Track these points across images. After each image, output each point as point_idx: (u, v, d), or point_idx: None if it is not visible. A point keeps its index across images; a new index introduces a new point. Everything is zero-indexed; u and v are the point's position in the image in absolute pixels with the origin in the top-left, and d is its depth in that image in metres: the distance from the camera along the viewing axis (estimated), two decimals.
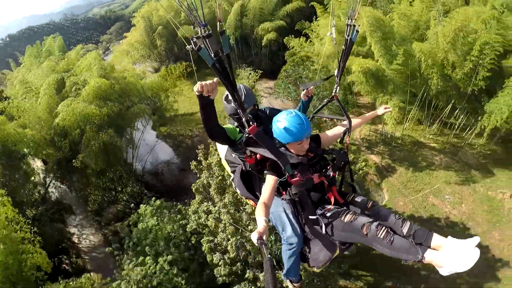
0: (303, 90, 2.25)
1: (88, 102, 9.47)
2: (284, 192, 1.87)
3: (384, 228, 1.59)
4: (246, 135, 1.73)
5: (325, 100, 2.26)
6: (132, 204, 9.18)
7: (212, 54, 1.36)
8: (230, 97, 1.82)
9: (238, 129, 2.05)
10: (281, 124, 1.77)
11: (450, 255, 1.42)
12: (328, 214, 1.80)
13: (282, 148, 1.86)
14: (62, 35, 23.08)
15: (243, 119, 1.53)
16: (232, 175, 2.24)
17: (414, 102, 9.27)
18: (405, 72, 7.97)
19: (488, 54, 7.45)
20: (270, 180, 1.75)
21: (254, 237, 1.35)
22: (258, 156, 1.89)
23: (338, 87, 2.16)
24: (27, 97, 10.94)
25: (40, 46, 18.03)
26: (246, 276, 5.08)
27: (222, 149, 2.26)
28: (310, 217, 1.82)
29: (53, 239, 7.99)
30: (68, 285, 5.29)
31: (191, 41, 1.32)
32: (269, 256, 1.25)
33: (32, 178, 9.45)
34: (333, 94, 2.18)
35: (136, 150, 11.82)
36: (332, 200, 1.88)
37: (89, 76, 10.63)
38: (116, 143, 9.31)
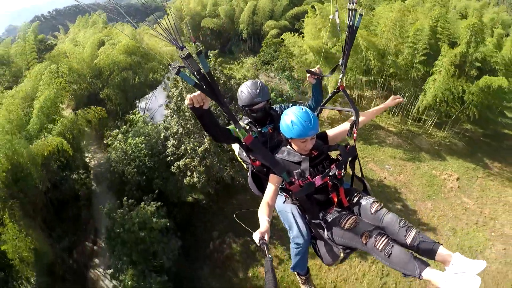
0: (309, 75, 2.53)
1: (119, 53, 15.86)
2: (286, 195, 2.18)
3: (383, 238, 1.77)
4: (243, 143, 1.97)
5: (331, 92, 2.62)
6: None
7: (195, 72, 1.62)
8: (244, 89, 2.35)
9: (247, 127, 2.41)
10: (288, 118, 2.05)
11: (449, 279, 1.54)
12: (329, 219, 2.05)
13: (287, 146, 2.18)
14: None
15: (237, 130, 1.89)
16: (248, 171, 2.60)
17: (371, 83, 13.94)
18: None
19: (421, 40, 12.18)
20: (274, 180, 2.04)
21: (256, 236, 1.61)
22: (257, 162, 2.25)
23: (343, 77, 2.43)
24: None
25: (88, 17, 26.14)
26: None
27: (236, 147, 2.66)
28: (313, 221, 2.11)
29: None
30: None
31: (169, 67, 1.63)
32: (270, 256, 1.50)
33: None
34: (338, 85, 2.47)
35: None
36: (336, 201, 2.12)
37: (123, 39, 17.27)
38: (132, 81, 15.42)
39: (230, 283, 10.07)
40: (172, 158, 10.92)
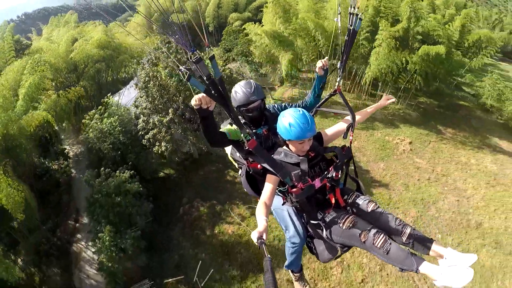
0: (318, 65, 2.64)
1: (92, 47, 18.53)
2: (284, 198, 2.40)
3: (381, 236, 2.01)
4: (246, 148, 2.13)
5: (328, 94, 2.84)
6: None
7: (205, 78, 1.73)
8: (238, 89, 2.53)
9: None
10: (285, 120, 2.25)
11: (445, 271, 1.83)
12: (327, 220, 2.29)
13: (284, 147, 2.41)
14: None
15: (242, 135, 2.04)
16: (240, 170, 2.83)
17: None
18: (302, 34, 15.79)
19: (363, 18, 15.03)
20: (270, 179, 2.23)
21: (254, 236, 1.73)
22: (258, 166, 2.38)
23: (341, 80, 2.67)
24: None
25: (60, 17, 28.93)
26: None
27: (228, 148, 2.82)
28: (312, 221, 2.37)
29: None
30: None
31: (180, 72, 1.69)
32: (269, 256, 1.59)
33: None
34: (335, 87, 2.72)
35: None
36: (333, 201, 2.37)
37: (95, 35, 20.01)
38: (106, 76, 18.06)
39: (198, 240, 12.48)
40: (142, 133, 13.47)
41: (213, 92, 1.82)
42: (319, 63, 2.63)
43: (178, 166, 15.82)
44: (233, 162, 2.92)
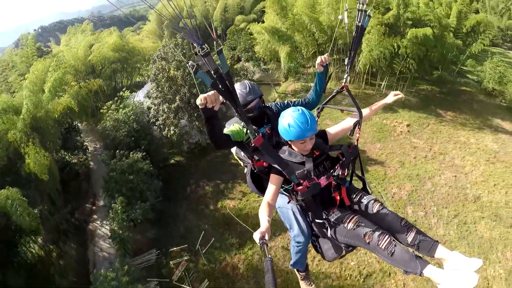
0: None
1: (108, 50, 22.02)
2: (289, 197, 2.59)
3: (386, 238, 2.14)
4: (252, 145, 2.30)
5: (335, 91, 2.94)
6: None
7: (212, 72, 1.89)
8: (239, 86, 2.70)
9: (245, 129, 2.68)
10: (285, 120, 2.41)
11: (449, 276, 1.95)
12: (332, 219, 2.47)
13: (286, 147, 2.58)
14: None
15: (249, 131, 2.22)
16: (245, 168, 3.08)
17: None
18: (300, 29, 18.38)
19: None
20: (274, 180, 2.42)
21: (256, 236, 1.89)
22: (264, 164, 2.62)
23: (348, 77, 2.84)
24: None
25: (77, 27, 33.41)
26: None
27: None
28: (317, 220, 2.53)
29: None
30: None
31: (188, 66, 1.88)
32: (269, 256, 1.72)
33: None
34: (343, 84, 2.88)
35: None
36: (338, 200, 2.55)
37: (110, 40, 23.65)
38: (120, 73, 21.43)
39: (202, 214, 14.77)
40: (153, 120, 16.24)
41: (220, 86, 1.99)
42: (318, 59, 2.84)
43: (188, 154, 18.42)
44: (239, 161, 3.18)
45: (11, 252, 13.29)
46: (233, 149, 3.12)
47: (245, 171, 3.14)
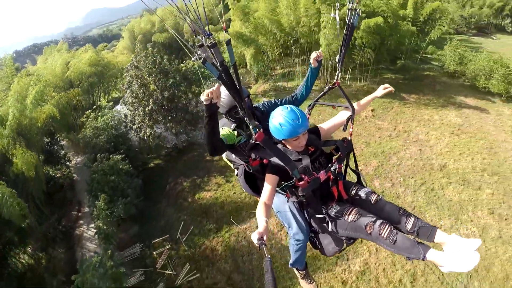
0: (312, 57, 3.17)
1: (85, 65, 24.91)
2: (288, 194, 2.85)
3: (387, 227, 2.45)
4: (253, 141, 2.57)
5: (326, 87, 3.36)
6: None
7: (218, 64, 2.04)
8: (222, 93, 2.71)
9: (235, 132, 3.05)
10: (275, 120, 2.70)
11: (451, 257, 2.22)
12: (332, 213, 2.78)
13: (280, 145, 2.86)
14: None
15: (250, 127, 2.42)
16: (236, 171, 3.36)
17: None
18: (262, 31, 21.43)
19: (309, 8, 20.39)
20: (270, 180, 2.70)
21: (254, 237, 2.09)
22: (264, 161, 2.84)
23: (340, 74, 3.23)
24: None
25: (52, 47, 36.55)
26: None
27: None
28: (317, 215, 2.84)
29: None
30: None
31: (195, 54, 2.04)
32: (269, 256, 1.89)
33: None
34: (334, 81, 3.24)
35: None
36: (336, 194, 2.85)
37: (86, 56, 26.62)
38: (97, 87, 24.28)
39: (181, 207, 17.08)
40: (131, 125, 18.81)
41: (225, 79, 2.21)
42: (314, 54, 3.16)
43: (165, 157, 20.91)
44: (229, 163, 3.44)
45: (1, 264, 15.44)
46: (223, 153, 3.33)
47: (235, 173, 3.44)
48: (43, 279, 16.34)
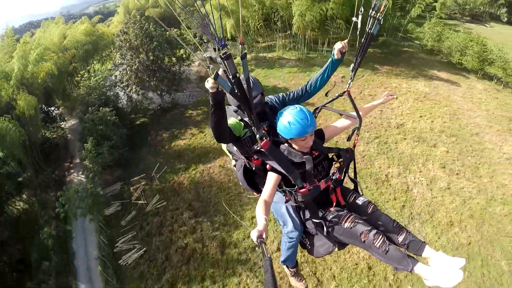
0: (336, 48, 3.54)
1: (81, 34, 31.30)
2: (288, 195, 3.31)
3: (381, 237, 2.95)
4: (258, 148, 2.91)
5: (336, 94, 3.83)
6: None
7: (231, 76, 2.34)
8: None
9: (242, 124, 3.42)
10: (284, 119, 3.10)
11: (436, 273, 2.73)
12: (329, 218, 3.29)
13: (286, 145, 3.32)
14: None
15: (257, 136, 2.80)
16: (234, 161, 3.80)
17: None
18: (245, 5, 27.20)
19: None
20: (272, 178, 3.11)
21: (254, 235, 2.37)
22: (268, 166, 3.18)
23: (351, 82, 3.65)
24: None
25: (50, 21, 43.43)
26: None
27: None
28: (314, 220, 3.34)
29: None
30: None
31: (208, 68, 2.33)
32: (269, 256, 2.14)
33: None
34: (346, 89, 3.69)
35: None
36: (334, 201, 3.38)
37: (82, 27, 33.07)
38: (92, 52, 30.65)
39: (159, 153, 22.71)
40: (119, 84, 24.76)
41: (236, 91, 2.51)
42: (339, 45, 3.57)
43: (151, 116, 26.77)
44: (228, 154, 4.02)
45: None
46: (223, 144, 3.93)
47: (233, 164, 4.02)
48: (36, 219, 22.20)
